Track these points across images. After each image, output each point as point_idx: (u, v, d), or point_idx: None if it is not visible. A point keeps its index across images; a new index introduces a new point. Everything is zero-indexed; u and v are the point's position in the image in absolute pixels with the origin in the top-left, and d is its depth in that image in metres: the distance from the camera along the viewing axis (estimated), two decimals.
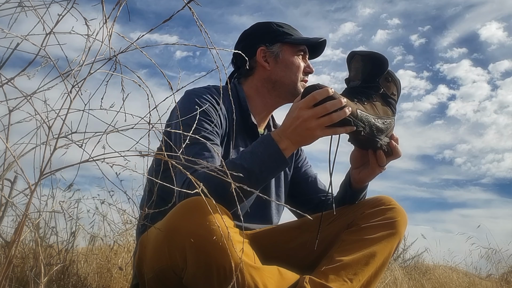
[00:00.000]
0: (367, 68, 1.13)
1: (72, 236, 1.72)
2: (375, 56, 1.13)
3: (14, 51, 0.70)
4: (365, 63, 1.13)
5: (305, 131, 1.04)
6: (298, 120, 1.03)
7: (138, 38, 0.72)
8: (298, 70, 1.37)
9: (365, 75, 1.13)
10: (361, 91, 1.12)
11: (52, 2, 0.71)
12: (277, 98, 1.40)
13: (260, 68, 1.38)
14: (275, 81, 1.37)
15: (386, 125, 1.13)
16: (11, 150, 0.73)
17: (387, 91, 1.15)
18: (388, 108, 1.15)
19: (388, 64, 1.14)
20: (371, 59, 1.13)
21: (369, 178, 1.25)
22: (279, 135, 1.07)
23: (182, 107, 1.17)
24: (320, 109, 1.01)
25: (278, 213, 1.43)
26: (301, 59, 1.39)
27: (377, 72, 1.13)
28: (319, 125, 1.02)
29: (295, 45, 1.38)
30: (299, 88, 1.37)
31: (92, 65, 0.71)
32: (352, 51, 1.15)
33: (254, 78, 1.39)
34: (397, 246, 1.21)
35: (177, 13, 0.70)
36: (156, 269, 1.03)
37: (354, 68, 1.15)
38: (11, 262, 0.72)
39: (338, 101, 1.01)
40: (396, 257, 3.93)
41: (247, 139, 1.36)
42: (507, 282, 3.44)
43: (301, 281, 1.05)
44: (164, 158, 0.73)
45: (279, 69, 1.37)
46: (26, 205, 0.70)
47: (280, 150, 1.05)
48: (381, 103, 1.14)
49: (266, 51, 1.37)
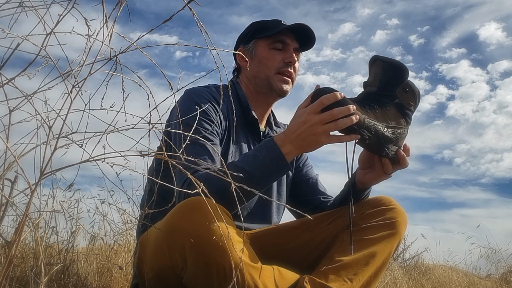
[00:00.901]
0: (387, 76, 1.11)
1: (72, 235, 1.72)
2: (396, 64, 1.11)
3: (14, 51, 0.70)
4: (385, 70, 1.11)
5: (310, 137, 1.03)
6: (305, 125, 1.03)
7: (139, 38, 0.72)
8: (272, 63, 1.36)
9: (383, 82, 1.11)
10: (376, 98, 1.11)
11: (52, 2, 0.71)
12: (263, 95, 1.41)
13: (242, 67, 1.43)
14: (254, 77, 1.39)
15: (396, 135, 1.11)
16: (11, 150, 0.73)
17: (404, 102, 1.12)
18: (402, 118, 1.13)
19: (408, 74, 1.11)
20: (391, 67, 1.11)
21: (373, 182, 1.24)
22: (282, 140, 1.06)
23: (182, 106, 1.17)
24: (327, 115, 1.01)
25: (279, 213, 1.43)
26: (278, 51, 1.37)
27: (395, 82, 1.11)
28: (324, 131, 1.02)
29: (269, 38, 1.37)
30: (274, 82, 1.36)
31: (93, 65, 0.71)
32: (375, 55, 1.13)
33: (242, 76, 1.44)
34: (397, 246, 1.21)
35: (177, 13, 0.70)
36: (156, 269, 1.03)
37: (374, 73, 1.13)
38: (11, 262, 0.72)
39: (345, 108, 1.01)
40: (396, 257, 3.94)
41: (248, 134, 1.37)
42: (507, 282, 3.43)
43: (301, 281, 1.05)
44: (164, 158, 0.73)
45: (254, 65, 1.39)
46: (26, 205, 0.70)
47: (282, 155, 1.05)
48: (394, 112, 1.12)
49: (244, 50, 1.41)
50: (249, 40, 1.41)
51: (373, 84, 1.13)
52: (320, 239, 1.25)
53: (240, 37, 1.45)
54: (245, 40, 1.42)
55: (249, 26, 1.44)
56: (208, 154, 1.12)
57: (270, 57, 1.37)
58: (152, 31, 0.73)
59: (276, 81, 1.36)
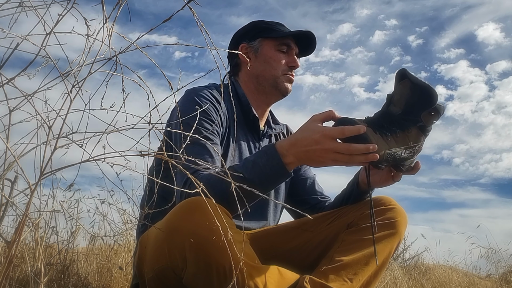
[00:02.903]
0: (413, 98, 1.03)
1: (72, 235, 1.72)
2: (426, 88, 1.03)
3: (14, 51, 0.70)
4: (412, 92, 1.03)
5: (318, 158, 0.99)
6: (317, 145, 0.98)
7: (138, 38, 0.72)
8: (278, 64, 1.37)
9: (408, 106, 1.04)
10: (399, 122, 1.04)
11: (52, 2, 0.71)
12: (265, 94, 1.41)
13: (243, 64, 1.41)
14: (257, 75, 1.39)
15: (412, 153, 1.07)
16: (11, 150, 0.73)
17: (427, 123, 1.06)
18: (422, 135, 1.08)
19: (437, 99, 1.04)
20: (420, 90, 1.03)
21: (378, 186, 1.22)
22: (286, 149, 1.02)
23: (182, 106, 1.18)
24: (343, 147, 0.96)
25: (276, 211, 1.43)
26: (283, 54, 1.39)
27: (422, 106, 1.04)
28: (334, 159, 0.98)
29: (275, 39, 1.39)
30: (280, 82, 1.38)
31: (92, 65, 0.71)
32: (403, 69, 1.04)
33: (242, 74, 1.43)
34: (397, 246, 1.21)
35: (176, 13, 0.70)
36: (156, 269, 1.03)
37: (400, 93, 1.05)
38: (11, 262, 0.72)
39: (364, 147, 0.95)
40: (396, 257, 3.93)
41: (248, 133, 1.37)
42: (507, 282, 3.44)
43: (301, 281, 1.05)
44: (165, 158, 0.73)
45: (258, 64, 1.39)
46: (26, 205, 0.70)
47: (283, 164, 1.02)
48: (416, 132, 1.06)
49: (247, 47, 1.40)
50: (253, 38, 1.40)
51: (398, 105, 1.05)
52: (320, 239, 1.25)
53: (242, 33, 1.44)
54: (249, 37, 1.41)
55: (253, 24, 1.43)
56: (208, 154, 1.12)
57: (276, 58, 1.38)
58: (151, 31, 0.73)
59: (283, 81, 1.38)
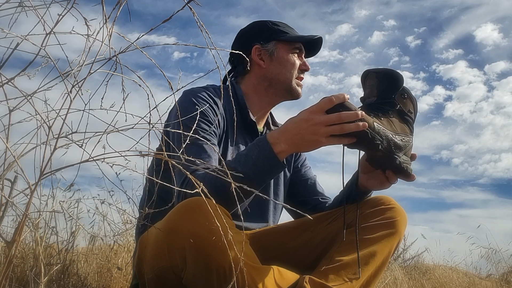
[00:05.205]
0: (383, 84, 1.10)
1: (72, 236, 1.72)
2: (390, 72, 1.11)
3: (14, 51, 0.70)
4: (380, 80, 1.10)
5: (310, 136, 0.99)
6: (307, 123, 0.99)
7: (138, 38, 0.72)
8: (293, 67, 1.38)
9: (381, 91, 1.10)
10: (377, 107, 1.09)
11: (52, 2, 0.71)
12: (274, 96, 1.41)
13: (256, 66, 1.39)
14: (270, 78, 1.38)
15: (404, 143, 1.09)
16: (11, 150, 0.73)
17: (404, 108, 1.11)
18: (406, 126, 1.11)
19: (403, 80, 1.11)
20: (386, 76, 1.10)
21: (375, 189, 1.23)
22: (276, 138, 1.03)
23: (180, 107, 1.17)
24: (334, 116, 0.97)
25: (276, 212, 1.43)
26: (296, 57, 1.39)
27: (392, 89, 1.10)
28: (327, 132, 0.98)
29: (290, 43, 1.39)
30: (294, 85, 1.39)
31: (92, 65, 0.72)
32: (366, 70, 1.13)
33: (251, 76, 1.40)
34: (397, 245, 1.21)
35: (176, 13, 0.71)
36: (156, 269, 1.03)
37: (369, 86, 1.12)
38: (11, 262, 0.72)
39: (354, 113, 0.97)
40: (396, 257, 3.93)
41: (246, 136, 1.36)
42: (507, 282, 3.44)
43: (301, 281, 1.05)
44: (164, 158, 0.73)
45: (274, 67, 1.38)
46: (26, 205, 0.70)
47: (274, 153, 1.02)
48: (398, 119, 1.10)
49: (261, 49, 1.38)
50: (267, 40, 1.38)
51: (371, 95, 1.11)
52: (319, 239, 1.25)
53: (252, 34, 1.41)
54: (262, 39, 1.39)
55: (262, 24, 1.41)
56: (206, 154, 1.12)
57: (292, 61, 1.38)
58: (150, 32, 0.73)
59: (295, 85, 1.39)
